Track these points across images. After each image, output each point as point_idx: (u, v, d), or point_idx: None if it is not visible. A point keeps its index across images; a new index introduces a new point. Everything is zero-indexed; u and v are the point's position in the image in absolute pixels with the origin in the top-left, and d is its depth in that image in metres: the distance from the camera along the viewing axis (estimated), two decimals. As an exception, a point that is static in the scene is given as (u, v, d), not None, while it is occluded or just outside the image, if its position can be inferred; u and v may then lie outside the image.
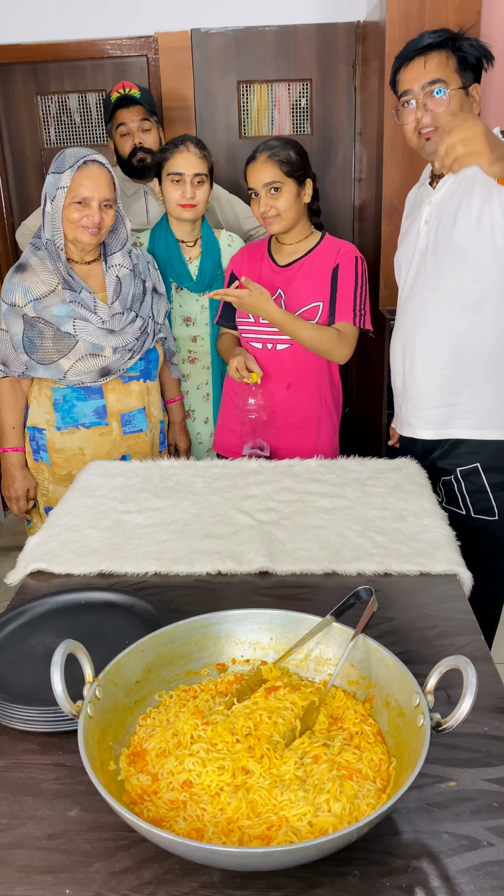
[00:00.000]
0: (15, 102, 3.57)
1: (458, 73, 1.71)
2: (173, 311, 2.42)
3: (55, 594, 1.27)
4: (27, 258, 2.06)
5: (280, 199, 2.08)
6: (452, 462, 1.88)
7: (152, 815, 0.83)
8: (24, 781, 0.94)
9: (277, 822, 0.80)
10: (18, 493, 2.21)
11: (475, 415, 1.83)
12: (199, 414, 2.55)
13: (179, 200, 2.29)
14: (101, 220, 1.97)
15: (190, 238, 2.42)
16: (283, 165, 2.06)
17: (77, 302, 2.02)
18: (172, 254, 2.39)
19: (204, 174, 2.28)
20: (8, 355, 2.08)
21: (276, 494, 1.64)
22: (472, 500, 1.85)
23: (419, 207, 1.90)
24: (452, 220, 1.76)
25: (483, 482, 1.84)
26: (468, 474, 1.85)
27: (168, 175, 2.29)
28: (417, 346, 1.87)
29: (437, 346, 1.83)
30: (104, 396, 2.11)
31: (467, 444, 1.85)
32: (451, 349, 1.82)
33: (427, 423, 1.89)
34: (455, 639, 1.17)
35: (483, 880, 0.78)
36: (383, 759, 0.89)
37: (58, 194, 1.95)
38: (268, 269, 2.20)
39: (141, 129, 2.64)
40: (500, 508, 1.86)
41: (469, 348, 1.80)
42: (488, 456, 1.84)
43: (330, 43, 3.38)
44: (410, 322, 1.89)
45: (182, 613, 1.09)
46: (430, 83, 1.70)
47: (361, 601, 1.09)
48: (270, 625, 1.08)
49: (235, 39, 3.37)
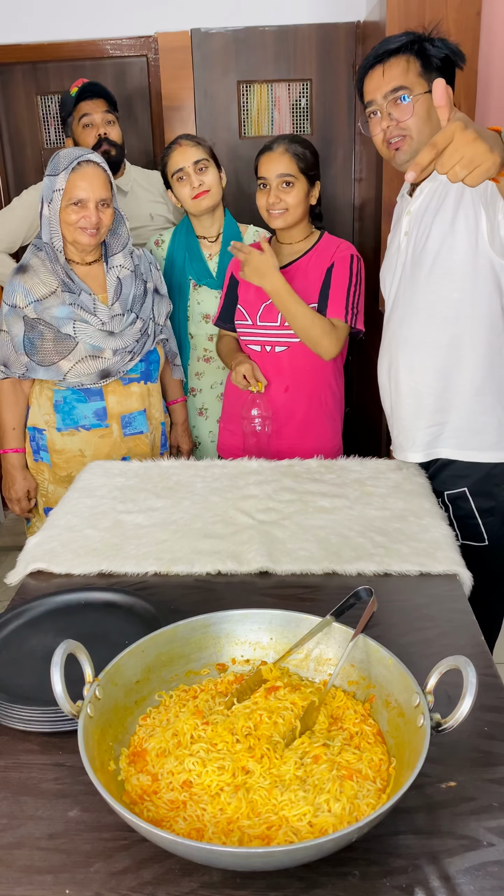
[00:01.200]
0: (15, 102, 3.57)
1: (423, 76, 1.62)
2: (191, 307, 2.41)
3: (55, 594, 1.27)
4: (28, 259, 2.06)
5: (291, 194, 2.07)
6: (439, 485, 1.78)
7: (152, 815, 0.83)
8: (24, 781, 0.94)
9: (277, 822, 0.80)
10: (19, 494, 2.21)
11: (463, 434, 1.74)
12: (211, 413, 2.52)
13: (190, 194, 2.29)
14: (98, 221, 1.96)
15: (210, 233, 2.41)
16: (300, 161, 2.06)
17: (77, 304, 2.02)
18: (193, 252, 2.39)
19: (204, 158, 2.28)
20: (8, 356, 2.08)
21: (276, 494, 1.64)
22: (459, 526, 1.74)
23: (400, 219, 1.84)
24: (428, 228, 1.68)
25: (471, 507, 1.75)
26: (455, 499, 1.76)
27: (173, 176, 2.29)
28: (402, 364, 1.77)
29: (420, 362, 1.74)
30: (104, 398, 2.11)
31: (455, 466, 1.76)
32: (434, 365, 1.72)
33: (416, 446, 1.79)
34: (455, 639, 1.17)
35: (483, 880, 0.78)
36: (383, 759, 0.89)
37: (54, 197, 1.94)
38: None
39: (105, 120, 2.58)
40: (489, 534, 1.76)
41: (452, 363, 1.70)
42: (476, 480, 1.74)
43: (330, 43, 3.38)
44: (393, 340, 1.80)
45: (182, 613, 1.09)
46: (392, 91, 1.63)
47: (361, 601, 1.09)
48: (270, 625, 1.08)
49: (235, 39, 3.37)
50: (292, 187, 2.06)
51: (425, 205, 1.71)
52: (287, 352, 2.16)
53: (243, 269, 2.06)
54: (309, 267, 2.16)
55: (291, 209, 2.08)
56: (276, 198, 2.06)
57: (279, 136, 2.11)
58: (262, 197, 2.09)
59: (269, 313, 2.16)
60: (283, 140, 2.08)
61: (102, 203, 1.96)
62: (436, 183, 1.69)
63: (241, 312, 2.21)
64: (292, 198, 2.07)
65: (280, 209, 2.08)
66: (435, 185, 1.69)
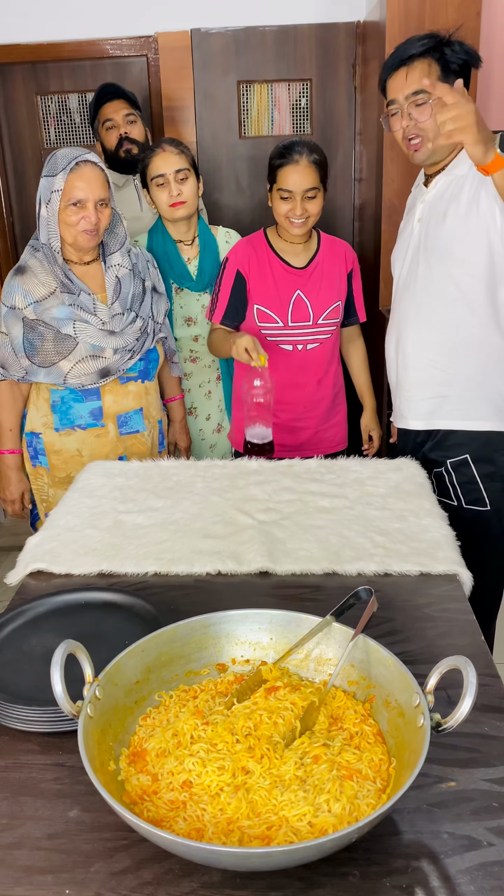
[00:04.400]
0: (15, 102, 3.57)
1: (442, 80, 1.73)
2: (174, 312, 2.42)
3: (55, 594, 1.27)
4: (26, 260, 2.06)
5: (314, 204, 2.12)
6: (442, 453, 1.92)
7: (152, 815, 0.83)
8: (24, 781, 0.94)
9: (277, 822, 0.80)
10: (14, 495, 2.21)
11: (464, 405, 1.88)
12: (201, 411, 2.57)
13: (168, 201, 2.30)
14: (97, 221, 1.96)
15: (187, 237, 2.42)
16: (321, 170, 2.10)
17: (76, 304, 2.02)
18: (171, 255, 2.40)
19: (186, 168, 2.29)
20: (7, 358, 2.07)
21: (276, 494, 1.64)
22: (462, 491, 1.90)
23: (414, 206, 1.95)
24: (443, 216, 1.81)
25: (473, 473, 1.89)
26: (458, 465, 1.90)
27: (152, 180, 2.30)
28: (410, 338, 1.92)
29: (428, 338, 1.88)
30: (101, 398, 2.10)
31: (456, 434, 1.90)
32: (442, 342, 1.87)
33: (418, 414, 1.94)
34: (455, 639, 1.17)
35: (483, 880, 0.78)
36: (383, 760, 0.89)
37: (52, 198, 1.94)
38: (280, 270, 2.21)
39: (126, 120, 2.66)
40: (490, 499, 1.90)
41: (460, 341, 1.85)
42: (477, 447, 1.88)
43: (330, 43, 3.38)
44: (403, 316, 1.94)
45: (182, 613, 1.09)
46: (413, 94, 1.75)
47: (361, 601, 1.08)
48: (270, 625, 1.08)
49: (235, 39, 3.37)
50: (316, 198, 2.11)
51: (440, 195, 1.84)
52: (318, 348, 2.24)
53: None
54: (325, 267, 2.23)
55: (313, 217, 2.14)
56: (303, 209, 2.09)
57: (296, 144, 2.09)
58: (283, 205, 2.11)
59: (300, 312, 2.21)
60: (303, 150, 2.07)
61: (101, 203, 1.96)
62: (450, 176, 1.82)
63: (267, 314, 2.22)
64: (315, 207, 2.12)
65: (303, 219, 2.11)
66: (450, 178, 1.82)
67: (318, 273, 2.22)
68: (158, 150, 2.29)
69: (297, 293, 2.19)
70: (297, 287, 2.19)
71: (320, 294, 2.21)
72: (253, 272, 2.21)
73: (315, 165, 2.07)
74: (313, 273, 2.21)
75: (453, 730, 0.83)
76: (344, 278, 2.26)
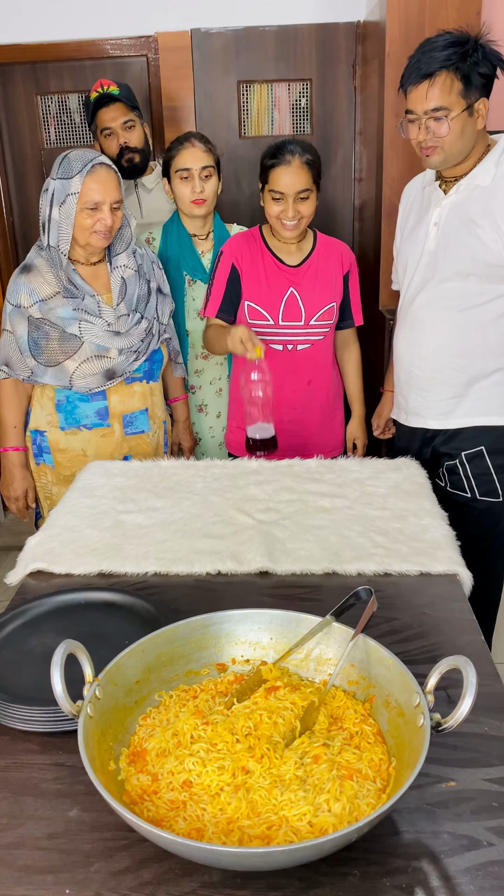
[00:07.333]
0: (15, 102, 3.57)
1: (463, 95, 1.72)
2: (187, 304, 2.42)
3: (55, 594, 1.27)
4: (32, 259, 2.05)
5: (307, 205, 2.09)
6: (457, 446, 1.95)
7: (152, 815, 0.83)
8: (24, 781, 0.94)
9: (277, 822, 0.80)
10: (17, 492, 2.21)
11: (482, 403, 1.91)
12: (211, 409, 2.56)
13: (190, 196, 2.31)
14: (112, 223, 1.96)
15: (202, 232, 2.43)
16: (314, 170, 2.08)
17: (81, 308, 2.01)
18: (185, 248, 2.41)
19: (211, 166, 2.30)
20: (11, 357, 2.06)
21: (276, 494, 1.64)
22: (476, 483, 1.94)
23: (427, 208, 1.93)
24: (463, 225, 1.81)
25: (488, 465, 1.93)
26: (473, 458, 1.93)
27: (176, 172, 2.30)
28: (428, 342, 1.93)
29: (447, 341, 1.90)
30: (107, 398, 2.10)
31: (472, 428, 1.93)
32: (462, 345, 1.89)
33: (438, 414, 1.97)
34: (455, 639, 1.17)
35: (483, 880, 0.78)
36: (383, 759, 0.89)
37: (68, 200, 1.92)
38: (273, 267, 2.20)
39: (124, 127, 2.57)
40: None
41: (478, 343, 1.87)
42: (493, 440, 1.92)
43: (330, 43, 3.38)
44: (418, 319, 1.95)
45: (182, 613, 1.09)
46: (433, 110, 1.73)
47: (361, 601, 1.08)
48: (270, 625, 1.08)
49: (235, 39, 3.37)
50: (308, 199, 2.08)
51: (460, 202, 1.83)
52: (309, 349, 2.21)
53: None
54: (319, 267, 2.20)
55: (307, 218, 2.12)
56: (295, 211, 2.07)
57: (288, 144, 2.06)
58: (275, 207, 2.08)
59: (291, 311, 2.19)
60: (296, 150, 2.04)
61: (115, 205, 1.95)
62: (473, 184, 1.81)
63: (257, 311, 2.20)
64: (309, 208, 2.10)
65: (295, 220, 2.09)
66: (472, 186, 1.82)
67: (312, 272, 2.18)
68: (187, 143, 2.29)
69: (290, 291, 2.16)
70: (290, 285, 2.17)
71: (314, 294, 2.18)
72: (246, 267, 2.19)
73: (308, 166, 2.04)
74: (307, 272, 2.18)
75: (453, 730, 0.83)
76: (340, 280, 2.23)
